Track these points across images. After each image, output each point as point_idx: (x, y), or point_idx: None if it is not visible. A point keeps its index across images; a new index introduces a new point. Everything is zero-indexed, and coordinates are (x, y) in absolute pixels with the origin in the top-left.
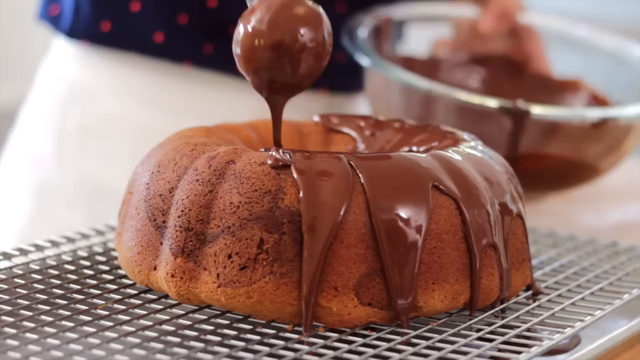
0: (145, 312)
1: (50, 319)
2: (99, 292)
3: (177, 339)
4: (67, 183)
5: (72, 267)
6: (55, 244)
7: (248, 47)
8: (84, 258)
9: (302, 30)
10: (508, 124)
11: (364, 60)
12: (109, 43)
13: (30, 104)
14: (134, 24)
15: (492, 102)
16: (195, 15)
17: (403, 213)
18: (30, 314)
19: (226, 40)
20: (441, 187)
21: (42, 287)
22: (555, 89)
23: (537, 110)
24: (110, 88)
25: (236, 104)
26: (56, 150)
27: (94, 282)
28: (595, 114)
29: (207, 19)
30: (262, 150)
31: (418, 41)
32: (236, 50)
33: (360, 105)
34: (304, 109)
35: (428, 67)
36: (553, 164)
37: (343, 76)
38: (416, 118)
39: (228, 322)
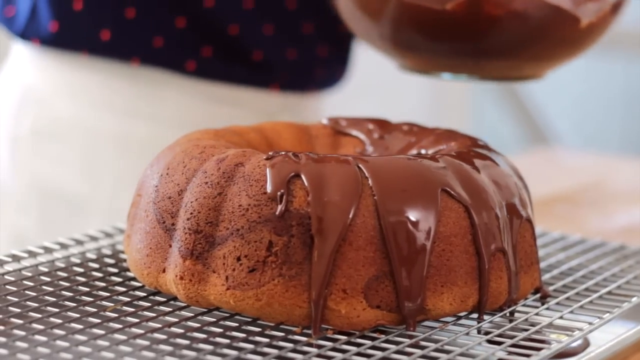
0: (154, 315)
1: (60, 321)
2: (108, 294)
3: (186, 342)
4: (21, 187)
5: (81, 270)
6: (64, 246)
7: None
8: (92, 260)
9: None
10: None
11: None
12: (58, 44)
13: None
14: (80, 22)
15: None
16: (143, 8)
17: (412, 216)
18: (39, 316)
19: (175, 32)
20: (450, 191)
21: (51, 289)
22: None
23: None
24: (61, 91)
25: (186, 103)
26: (10, 155)
27: (102, 284)
28: None
29: (155, 10)
30: (271, 153)
31: None
32: None
33: (315, 105)
34: (257, 109)
35: None
36: (521, 10)
37: (294, 73)
38: None
39: (237, 324)
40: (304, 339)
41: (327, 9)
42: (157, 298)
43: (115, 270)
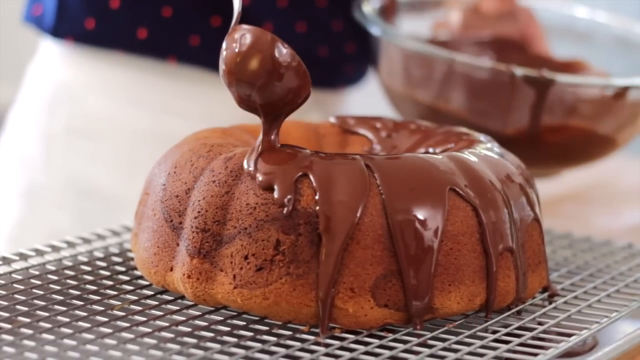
0: (161, 313)
1: (67, 319)
2: (115, 292)
3: (194, 340)
4: (56, 184)
5: (88, 268)
6: (71, 244)
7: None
8: (100, 259)
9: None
10: (530, 94)
11: (377, 31)
12: (93, 41)
13: (18, 106)
14: (117, 20)
15: (518, 71)
16: (179, 7)
17: (419, 214)
18: (46, 314)
19: (211, 31)
20: (458, 190)
21: (58, 287)
22: (558, 70)
23: (564, 78)
24: (96, 88)
25: (222, 101)
26: (44, 151)
27: (110, 282)
28: (619, 82)
29: (191, 10)
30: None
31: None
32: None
33: (344, 101)
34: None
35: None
36: (573, 136)
37: (324, 70)
38: (433, 91)
39: (244, 323)
40: (311, 337)
41: (355, 5)
42: (165, 297)
43: (122, 268)
